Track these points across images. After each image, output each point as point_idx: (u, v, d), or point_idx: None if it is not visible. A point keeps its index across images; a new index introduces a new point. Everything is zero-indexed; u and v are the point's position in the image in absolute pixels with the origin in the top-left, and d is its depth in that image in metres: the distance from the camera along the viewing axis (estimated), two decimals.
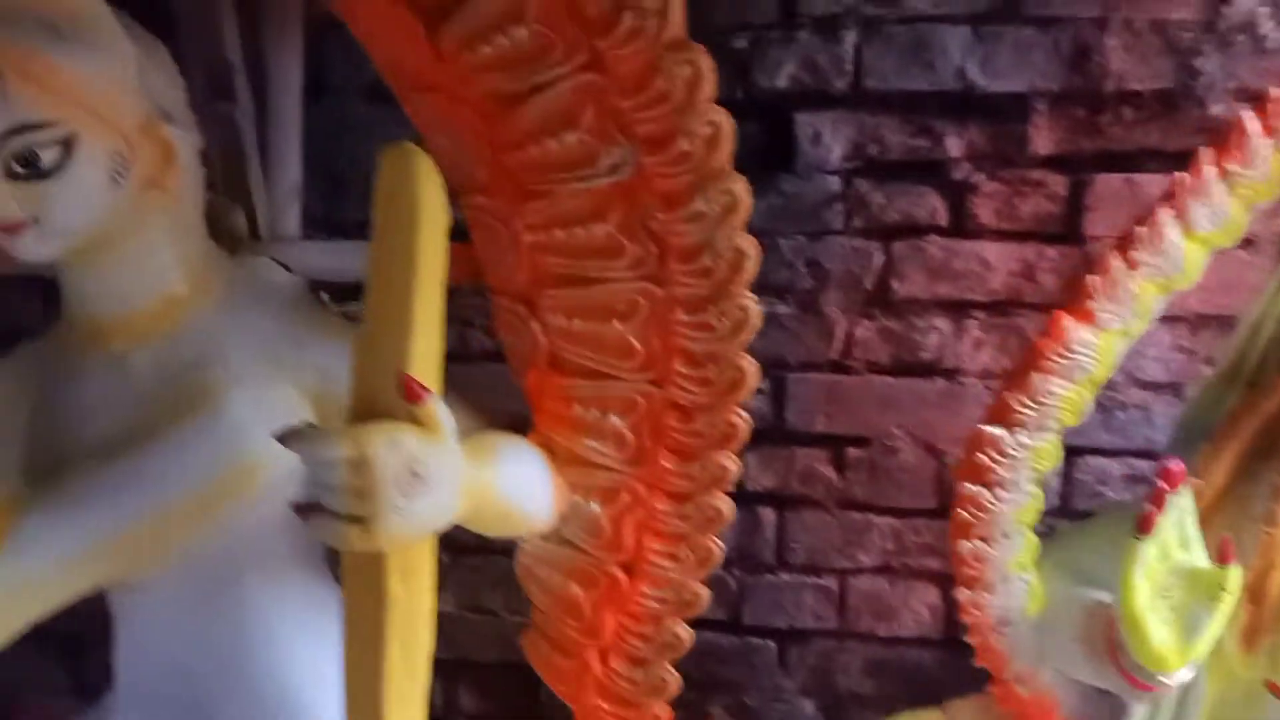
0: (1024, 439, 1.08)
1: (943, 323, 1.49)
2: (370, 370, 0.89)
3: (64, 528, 0.99)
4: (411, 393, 0.86)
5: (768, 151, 1.47)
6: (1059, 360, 1.06)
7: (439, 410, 0.87)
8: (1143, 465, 1.46)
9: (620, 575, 1.14)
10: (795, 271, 1.49)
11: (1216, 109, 1.36)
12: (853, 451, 1.54)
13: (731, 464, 1.09)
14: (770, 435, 1.53)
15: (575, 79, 0.96)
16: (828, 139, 1.47)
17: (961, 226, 1.46)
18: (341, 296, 1.22)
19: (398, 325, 0.87)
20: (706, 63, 0.94)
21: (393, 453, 0.84)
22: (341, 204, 1.46)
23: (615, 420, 1.08)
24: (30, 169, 0.94)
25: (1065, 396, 1.07)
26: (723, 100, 0.95)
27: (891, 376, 1.51)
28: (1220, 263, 1.08)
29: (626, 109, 0.96)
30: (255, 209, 1.20)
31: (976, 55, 1.42)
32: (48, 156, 0.94)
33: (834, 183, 1.48)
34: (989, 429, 1.08)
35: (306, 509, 0.85)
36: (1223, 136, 1.05)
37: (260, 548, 1.12)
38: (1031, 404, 1.07)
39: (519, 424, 1.11)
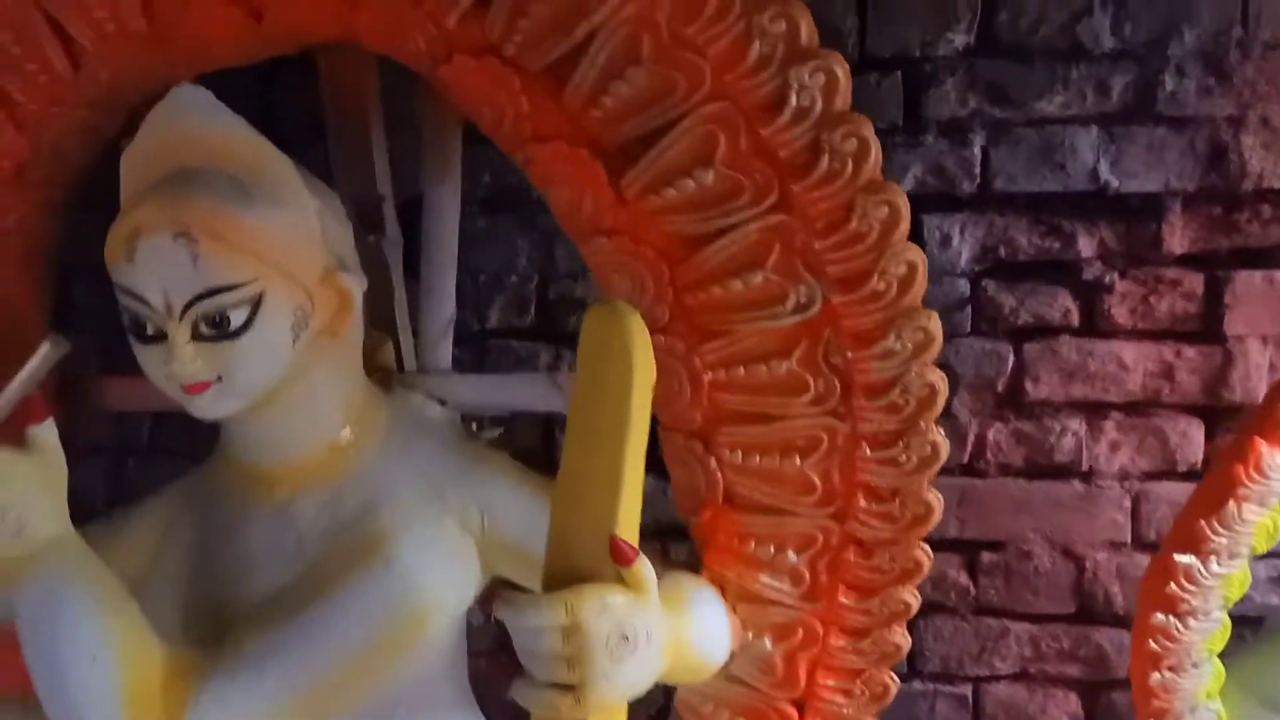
0: (1216, 567, 1.05)
1: (1077, 424, 1.45)
2: (574, 529, 0.86)
3: (250, 690, 0.96)
4: (621, 555, 0.83)
5: None
6: (1254, 485, 1.03)
7: (646, 571, 0.84)
8: None
9: (792, 712, 1.10)
10: None
11: None
12: (986, 556, 1.50)
13: (912, 598, 1.06)
14: None
15: (764, 220, 0.94)
16: (956, 241, 1.45)
17: (1095, 326, 1.44)
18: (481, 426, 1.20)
19: (607, 485, 0.85)
20: (903, 202, 0.92)
21: (604, 618, 0.81)
22: (461, 314, 1.44)
23: (792, 556, 1.05)
24: (218, 330, 0.92)
25: (1258, 522, 1.04)
26: None
27: (1025, 479, 1.47)
28: None
29: (818, 249, 0.94)
30: (400, 342, 1.18)
31: (1108, 155, 1.40)
32: (236, 317, 0.92)
33: (963, 285, 1.45)
34: (1180, 557, 1.05)
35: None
36: None
37: (417, 690, 1.09)
38: (1224, 530, 1.04)
39: None
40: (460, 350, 1.29)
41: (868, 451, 1.01)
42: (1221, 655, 1.11)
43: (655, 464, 0.93)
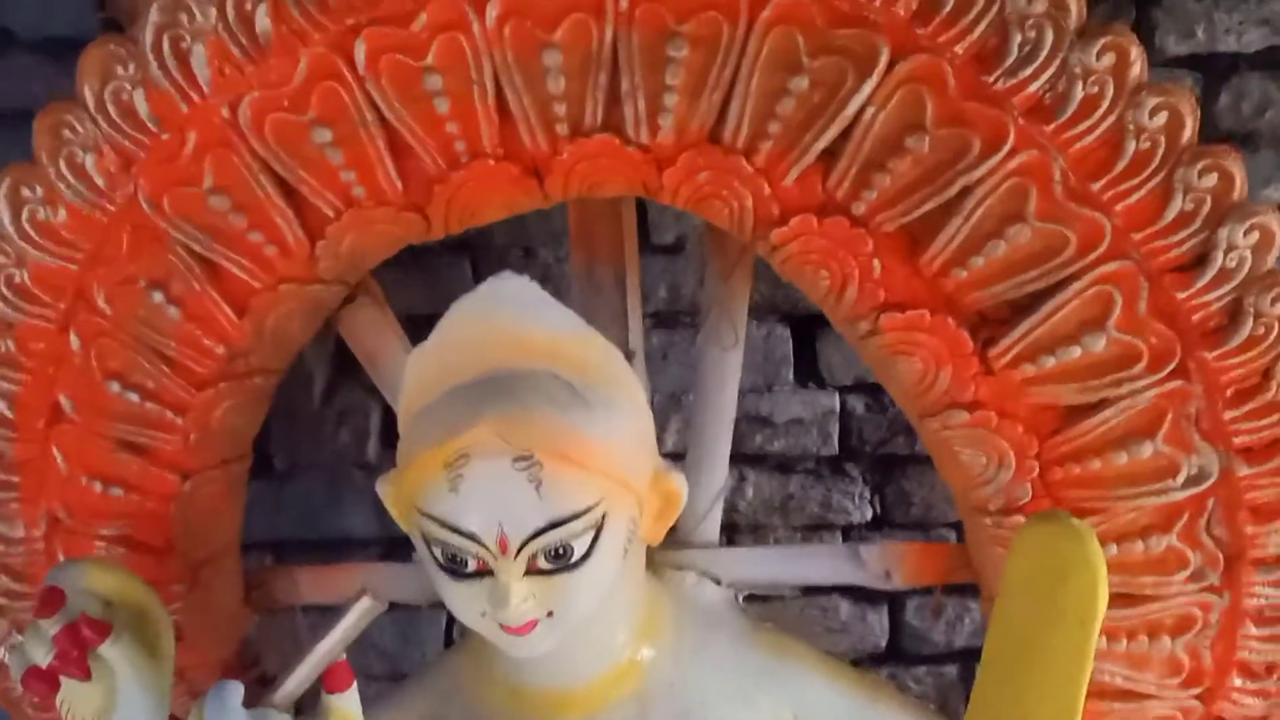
0: None
1: None
2: None
3: None
4: None
5: None
6: None
7: None
8: None
9: None
10: None
11: None
12: None
13: None
14: None
15: (1162, 386, 0.83)
16: None
17: None
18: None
19: (1062, 715, 0.73)
20: None
21: None
22: None
23: None
24: (557, 563, 0.77)
25: None
26: None
27: None
28: None
29: (1225, 419, 0.83)
30: None
31: None
32: (579, 547, 0.77)
33: None
34: None
35: None
36: None
37: None
38: None
39: None
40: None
41: (1252, 629, 0.90)
42: None
43: None
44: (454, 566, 0.78)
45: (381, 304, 1.00)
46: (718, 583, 1.01)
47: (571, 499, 0.76)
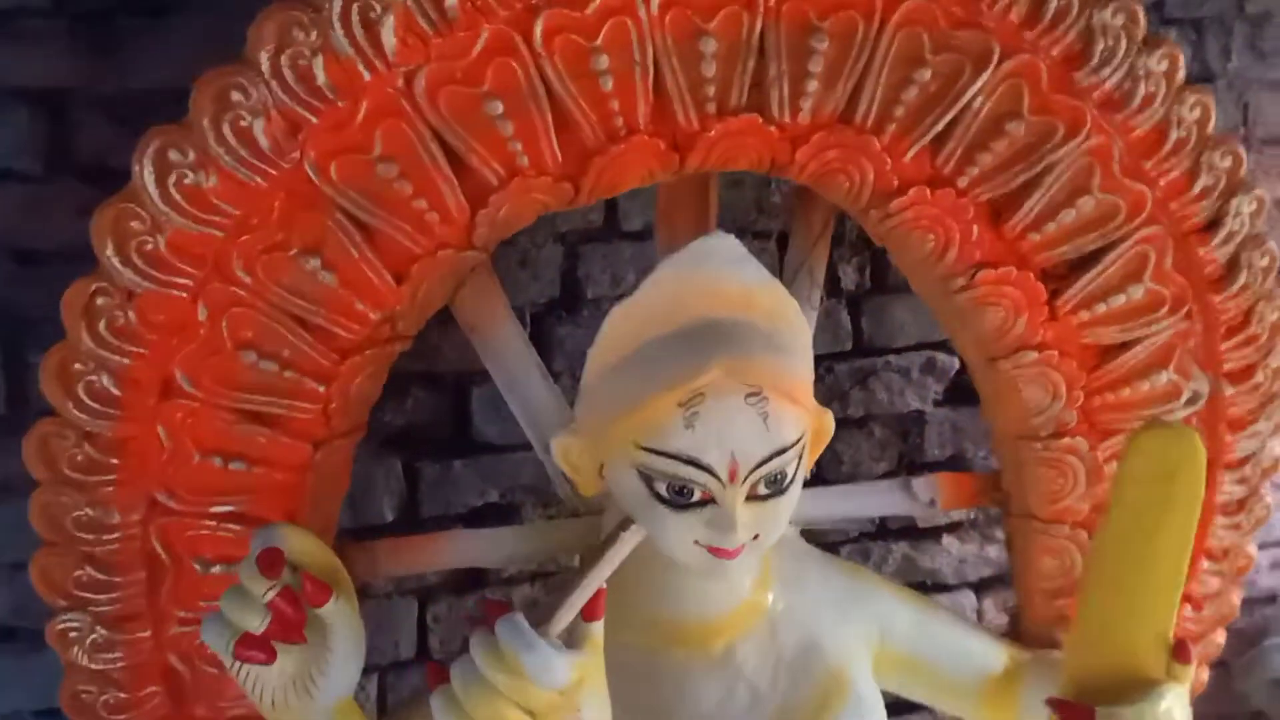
0: None
1: None
2: (1132, 634, 0.93)
3: None
4: (1186, 655, 0.91)
5: None
6: None
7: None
8: None
9: None
10: None
11: None
12: None
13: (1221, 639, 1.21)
14: None
15: (1175, 326, 1.05)
16: None
17: None
18: None
19: (1169, 595, 0.92)
20: None
21: (1182, 711, 0.89)
22: None
23: None
24: (773, 489, 0.87)
25: None
26: None
27: None
28: None
29: (1219, 350, 1.07)
30: None
31: None
32: (789, 473, 0.87)
33: None
34: None
35: None
36: None
37: None
38: None
39: None
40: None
41: (1220, 519, 1.14)
42: None
43: None
44: (679, 498, 0.85)
45: (491, 274, 1.04)
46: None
47: (790, 430, 0.86)
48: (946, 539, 1.60)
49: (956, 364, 1.54)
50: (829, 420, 0.95)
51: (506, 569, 1.45)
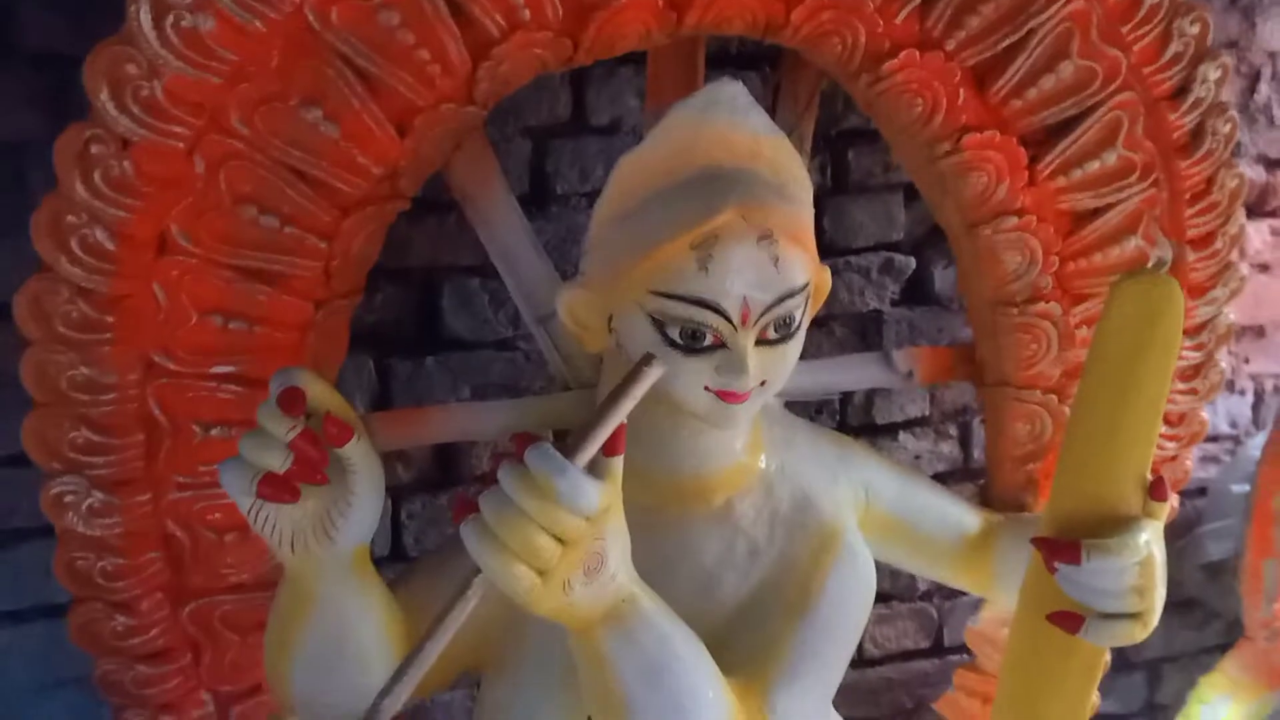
0: None
1: None
2: (1111, 474, 0.97)
3: (806, 692, 0.96)
4: (1163, 493, 0.96)
5: None
6: None
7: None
8: None
9: None
10: None
11: None
12: None
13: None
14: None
15: (1145, 193, 1.10)
16: None
17: None
18: None
19: (1145, 435, 0.96)
20: (1243, 174, 1.13)
21: (1158, 547, 0.94)
22: None
23: None
24: (781, 334, 0.89)
25: None
26: None
27: None
28: None
29: (1185, 216, 1.12)
30: None
31: None
32: (797, 317, 0.89)
33: None
34: None
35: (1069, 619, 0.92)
36: None
37: None
38: None
39: None
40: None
41: (1179, 385, 1.20)
42: None
43: None
44: (690, 342, 0.87)
45: (485, 140, 1.04)
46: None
47: (799, 274, 0.88)
48: (903, 435, 1.66)
49: (913, 264, 1.59)
50: (828, 276, 0.97)
51: (480, 467, 1.46)
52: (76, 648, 1.01)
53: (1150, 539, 0.94)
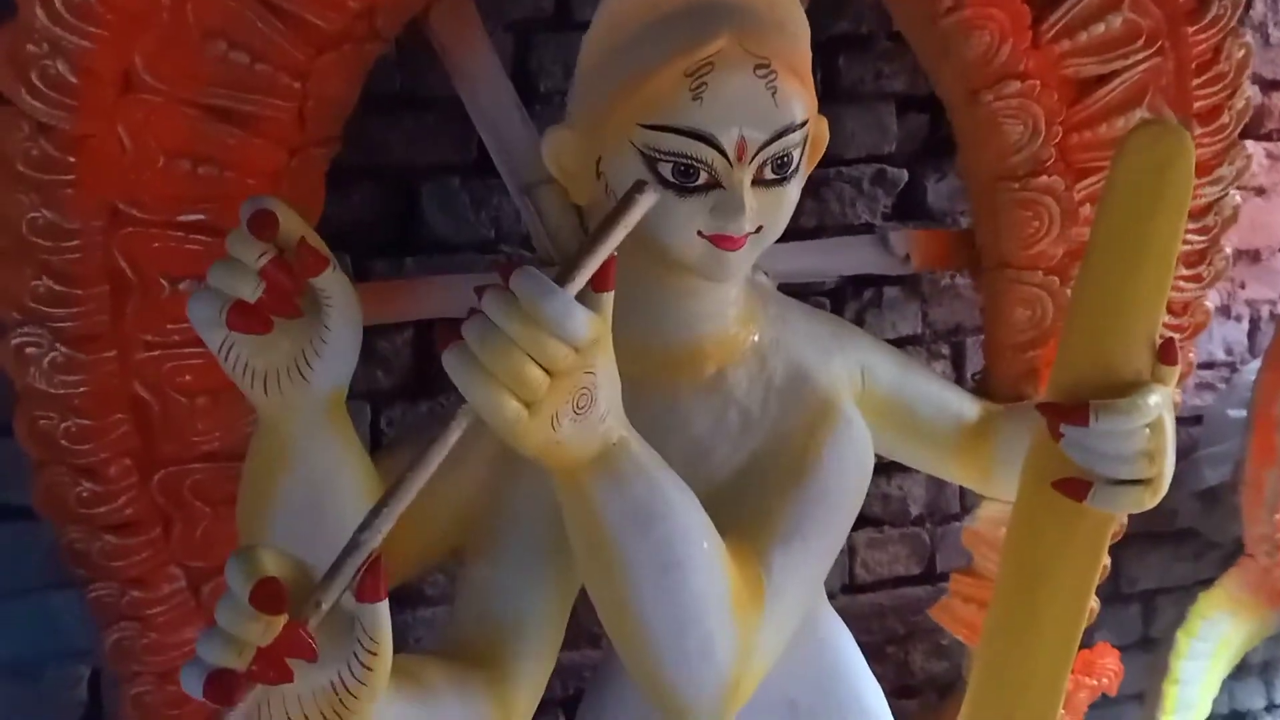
0: None
1: None
2: (1118, 336, 0.93)
3: (803, 555, 0.92)
4: (1173, 356, 0.92)
5: None
6: None
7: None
8: None
9: None
10: None
11: None
12: None
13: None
14: None
15: (1150, 61, 1.07)
16: None
17: None
18: None
19: (1155, 295, 0.93)
20: (1250, 44, 1.09)
21: (1169, 411, 0.90)
22: None
23: None
24: (779, 174, 0.84)
25: None
26: None
27: None
28: None
29: (1191, 87, 1.08)
30: None
31: None
32: (794, 158, 0.85)
33: None
34: None
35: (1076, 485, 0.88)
36: None
37: None
38: None
39: None
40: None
41: (1182, 270, 1.17)
42: None
43: None
44: (683, 180, 0.83)
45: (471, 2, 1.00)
46: (766, 274, 1.12)
47: (798, 109, 0.84)
48: None
49: (906, 176, 1.56)
50: (825, 127, 0.93)
51: None
52: (37, 556, 0.96)
53: (1160, 400, 0.90)
